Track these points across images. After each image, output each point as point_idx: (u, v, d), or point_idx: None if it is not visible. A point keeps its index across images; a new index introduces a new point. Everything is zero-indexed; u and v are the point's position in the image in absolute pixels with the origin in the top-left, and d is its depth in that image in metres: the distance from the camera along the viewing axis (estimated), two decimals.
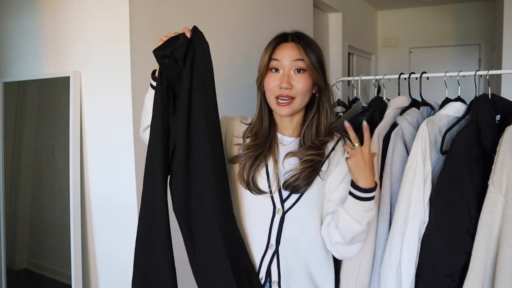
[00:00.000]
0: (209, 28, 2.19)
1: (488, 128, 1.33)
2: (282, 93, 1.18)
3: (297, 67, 1.19)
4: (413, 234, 1.35)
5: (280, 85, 1.18)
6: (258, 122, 1.27)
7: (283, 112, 1.20)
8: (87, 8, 1.90)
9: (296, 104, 1.20)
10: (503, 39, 3.64)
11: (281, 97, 1.18)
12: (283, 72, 1.19)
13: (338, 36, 4.15)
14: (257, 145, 1.23)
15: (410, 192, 1.36)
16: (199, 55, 1.12)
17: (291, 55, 1.19)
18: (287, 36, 1.22)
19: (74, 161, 1.91)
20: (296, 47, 1.19)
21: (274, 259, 1.22)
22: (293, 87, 1.18)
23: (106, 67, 1.85)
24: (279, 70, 1.20)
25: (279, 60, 1.19)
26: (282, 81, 1.18)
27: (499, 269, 1.22)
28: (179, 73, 1.12)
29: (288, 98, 1.18)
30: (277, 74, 1.20)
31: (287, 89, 1.17)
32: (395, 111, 1.58)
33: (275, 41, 1.22)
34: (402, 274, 1.35)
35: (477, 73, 1.59)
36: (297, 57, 1.18)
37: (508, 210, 1.23)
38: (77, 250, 1.91)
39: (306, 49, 1.18)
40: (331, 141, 1.27)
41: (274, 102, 1.21)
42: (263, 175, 1.23)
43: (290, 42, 1.21)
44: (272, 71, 1.21)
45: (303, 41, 1.20)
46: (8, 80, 2.20)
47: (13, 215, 2.19)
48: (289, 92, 1.18)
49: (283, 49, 1.20)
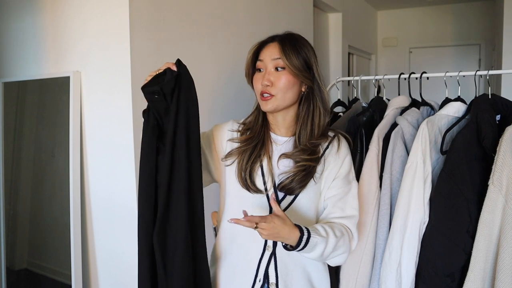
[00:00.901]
0: (208, 29, 2.19)
1: (488, 128, 1.33)
2: (263, 89, 1.23)
3: (276, 65, 1.23)
4: (413, 234, 1.35)
5: (262, 82, 1.23)
6: (253, 118, 1.32)
7: (265, 107, 1.24)
8: (87, 8, 1.89)
9: (277, 100, 1.23)
10: (503, 39, 3.64)
11: (263, 93, 1.24)
12: (265, 71, 1.24)
13: (338, 36, 4.15)
14: (251, 138, 1.27)
15: (410, 192, 1.36)
16: (185, 87, 1.15)
17: (271, 53, 1.23)
18: (274, 37, 1.26)
19: (74, 161, 1.91)
20: (277, 47, 1.23)
21: (271, 260, 1.23)
22: (273, 84, 1.22)
23: (106, 67, 1.85)
24: (262, 69, 1.25)
25: (262, 61, 1.25)
26: (264, 78, 1.23)
27: (499, 269, 1.22)
28: (167, 107, 1.15)
29: (268, 94, 1.23)
30: (261, 74, 1.25)
31: (267, 86, 1.22)
32: (395, 111, 1.58)
33: (260, 43, 1.28)
34: (402, 274, 1.35)
35: (477, 73, 1.59)
36: (276, 56, 1.22)
37: (508, 210, 1.23)
38: (77, 250, 1.91)
39: (286, 48, 1.22)
40: (325, 142, 1.28)
41: (259, 99, 1.26)
42: (258, 172, 1.24)
43: (273, 42, 1.25)
44: (258, 71, 1.26)
45: (287, 41, 1.24)
46: (8, 80, 2.19)
47: (13, 215, 2.19)
48: (269, 89, 1.22)
49: (265, 50, 1.25)
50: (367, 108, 1.72)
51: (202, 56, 2.14)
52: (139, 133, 1.84)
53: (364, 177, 1.47)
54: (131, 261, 1.87)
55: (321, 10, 3.92)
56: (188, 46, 2.05)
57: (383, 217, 1.43)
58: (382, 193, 1.44)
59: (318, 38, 3.75)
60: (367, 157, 1.48)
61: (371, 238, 1.43)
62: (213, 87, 2.22)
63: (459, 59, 5.29)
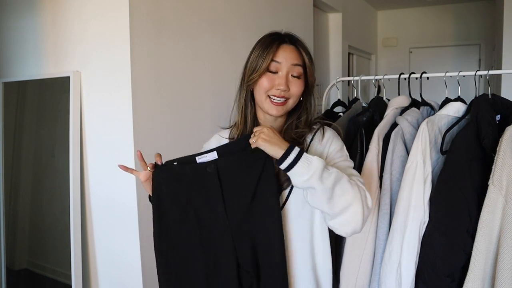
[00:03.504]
0: (208, 28, 2.19)
1: (488, 128, 1.33)
2: (278, 93, 1.18)
3: (296, 72, 1.19)
4: (413, 234, 1.35)
5: (278, 86, 1.17)
6: (243, 121, 1.26)
7: (275, 112, 1.19)
8: (87, 8, 1.90)
9: (288, 106, 1.21)
10: (503, 39, 3.64)
11: (275, 97, 1.18)
12: (281, 74, 1.18)
13: (338, 36, 4.15)
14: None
15: (410, 192, 1.36)
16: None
17: (292, 58, 1.19)
18: (284, 37, 1.21)
19: (74, 161, 1.91)
20: (297, 52, 1.20)
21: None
22: (290, 89, 1.19)
23: (106, 67, 1.86)
24: (277, 72, 1.19)
25: (280, 63, 1.18)
26: (281, 83, 1.17)
27: (499, 269, 1.22)
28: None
29: (283, 99, 1.18)
30: (274, 75, 1.19)
31: (284, 91, 1.17)
32: (395, 111, 1.58)
33: (275, 42, 1.20)
34: (402, 274, 1.35)
35: (477, 73, 1.59)
36: (297, 62, 1.19)
37: (508, 210, 1.23)
38: (77, 250, 1.91)
39: (305, 55, 1.20)
40: (310, 133, 1.25)
41: (267, 101, 1.19)
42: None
43: (290, 45, 1.20)
44: (269, 72, 1.19)
45: (301, 46, 1.21)
46: (8, 80, 2.19)
47: (13, 215, 2.19)
48: (285, 94, 1.18)
49: (283, 52, 1.19)
50: (367, 108, 1.72)
51: (202, 56, 2.14)
52: (139, 133, 1.84)
53: (364, 177, 1.46)
54: (131, 261, 1.87)
55: (321, 10, 3.92)
56: (187, 47, 2.05)
57: (383, 217, 1.43)
58: (382, 193, 1.44)
59: (318, 38, 3.75)
60: (367, 157, 1.48)
61: (371, 238, 1.43)
62: (213, 87, 2.22)
63: (459, 59, 5.29)
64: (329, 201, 1.06)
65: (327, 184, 1.04)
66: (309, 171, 1.04)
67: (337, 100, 1.95)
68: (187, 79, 2.05)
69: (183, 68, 2.02)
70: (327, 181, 1.05)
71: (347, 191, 1.07)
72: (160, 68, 1.91)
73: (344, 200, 1.06)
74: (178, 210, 1.16)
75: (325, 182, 1.04)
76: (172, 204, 1.16)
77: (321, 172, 1.04)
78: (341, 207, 1.07)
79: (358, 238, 1.43)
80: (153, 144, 1.87)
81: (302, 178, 1.05)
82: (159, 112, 1.91)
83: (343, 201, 1.06)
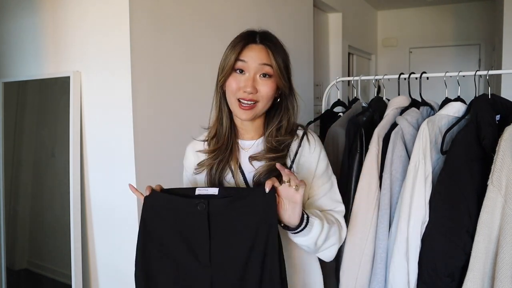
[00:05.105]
0: (208, 27, 2.19)
1: (488, 128, 1.33)
2: (245, 96, 1.12)
3: (263, 71, 1.13)
4: (415, 233, 1.35)
5: (244, 88, 1.12)
6: (218, 124, 1.22)
7: (244, 116, 1.14)
8: (87, 8, 1.90)
9: (258, 109, 1.15)
10: (503, 39, 3.64)
11: (244, 100, 1.13)
12: (248, 75, 1.13)
13: (338, 36, 4.15)
14: (219, 149, 1.20)
15: (412, 192, 1.36)
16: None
17: (259, 58, 1.13)
18: (255, 36, 1.16)
19: (74, 162, 1.91)
20: (265, 51, 1.13)
21: None
22: (258, 91, 1.13)
23: (106, 67, 1.86)
24: (244, 72, 1.14)
25: (245, 62, 1.13)
26: (247, 84, 1.12)
27: (499, 269, 1.22)
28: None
29: (251, 102, 1.13)
30: (241, 76, 1.14)
31: (251, 94, 1.12)
32: (395, 111, 1.58)
33: (243, 41, 1.15)
34: (409, 273, 1.35)
35: (477, 73, 1.59)
36: (265, 61, 1.13)
37: (508, 210, 1.23)
38: (77, 250, 1.91)
39: (275, 54, 1.13)
40: (295, 141, 1.20)
41: (236, 105, 1.15)
42: (230, 182, 1.20)
43: (258, 44, 1.15)
44: (236, 72, 1.14)
45: (272, 45, 1.15)
46: (8, 80, 2.20)
47: (13, 215, 2.19)
48: (252, 96, 1.12)
49: (250, 51, 1.14)
50: (367, 108, 1.72)
51: (202, 57, 2.14)
52: (139, 133, 1.85)
53: (364, 177, 1.47)
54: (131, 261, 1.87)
55: (321, 10, 3.92)
56: (187, 47, 2.05)
57: (383, 217, 1.43)
58: (382, 193, 1.44)
59: (318, 38, 3.75)
60: (367, 157, 1.48)
61: (371, 238, 1.43)
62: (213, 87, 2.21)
63: (459, 59, 5.29)
64: (314, 248, 1.14)
65: (318, 244, 1.12)
66: (308, 240, 1.09)
67: (337, 100, 1.95)
68: (187, 79, 2.05)
69: (183, 68, 2.02)
70: (319, 241, 1.11)
71: (330, 238, 1.14)
72: (160, 68, 1.91)
73: (327, 244, 1.15)
74: (159, 242, 1.09)
75: (317, 243, 1.11)
76: (155, 234, 1.09)
77: (317, 238, 1.10)
78: (323, 249, 1.15)
79: (358, 238, 1.43)
80: (153, 144, 1.87)
81: (298, 239, 1.10)
82: (159, 112, 1.91)
83: (325, 245, 1.14)
